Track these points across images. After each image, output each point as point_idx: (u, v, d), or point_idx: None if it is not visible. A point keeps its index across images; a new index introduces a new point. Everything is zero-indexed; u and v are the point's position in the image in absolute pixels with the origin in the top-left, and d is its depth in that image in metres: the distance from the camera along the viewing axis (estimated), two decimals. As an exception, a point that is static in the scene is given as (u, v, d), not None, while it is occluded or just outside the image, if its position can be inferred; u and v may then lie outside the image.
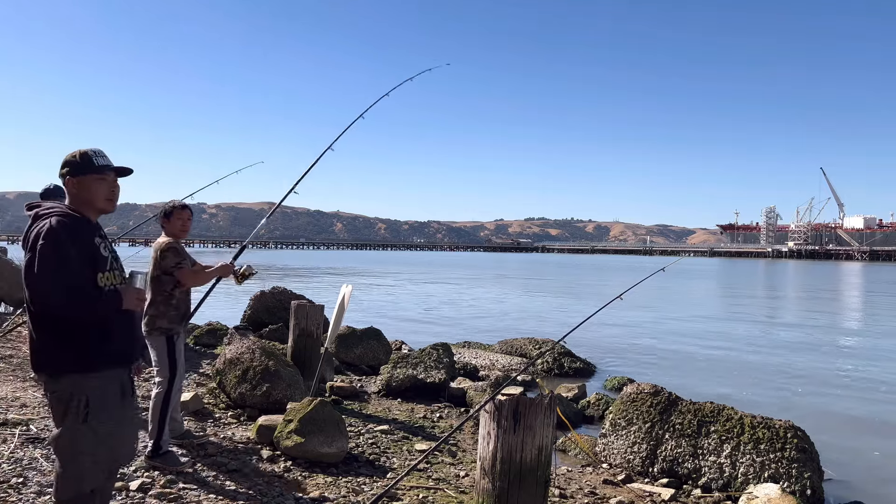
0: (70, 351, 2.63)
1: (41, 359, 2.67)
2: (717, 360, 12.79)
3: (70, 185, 2.80)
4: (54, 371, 2.65)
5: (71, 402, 2.62)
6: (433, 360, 8.18)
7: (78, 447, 2.64)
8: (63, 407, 2.63)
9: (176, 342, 4.71)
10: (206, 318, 11.96)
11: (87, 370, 2.65)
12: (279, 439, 4.98)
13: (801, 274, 63.40)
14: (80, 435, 2.63)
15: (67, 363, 2.64)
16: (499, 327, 16.78)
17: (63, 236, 2.62)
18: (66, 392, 2.63)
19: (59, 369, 2.64)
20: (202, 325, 11.19)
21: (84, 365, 2.65)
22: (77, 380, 2.64)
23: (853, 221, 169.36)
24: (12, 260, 12.77)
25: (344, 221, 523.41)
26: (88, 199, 2.81)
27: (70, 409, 2.62)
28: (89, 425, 2.64)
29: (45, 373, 2.68)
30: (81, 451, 2.64)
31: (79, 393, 2.63)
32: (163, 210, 4.90)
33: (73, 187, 2.80)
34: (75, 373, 2.64)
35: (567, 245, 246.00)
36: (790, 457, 5.15)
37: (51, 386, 2.67)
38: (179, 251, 4.68)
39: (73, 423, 2.63)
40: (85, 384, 2.64)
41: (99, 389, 2.68)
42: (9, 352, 7.96)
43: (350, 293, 6.65)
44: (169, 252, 4.61)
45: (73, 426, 2.63)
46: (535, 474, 3.73)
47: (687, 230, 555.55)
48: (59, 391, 2.64)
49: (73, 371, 2.64)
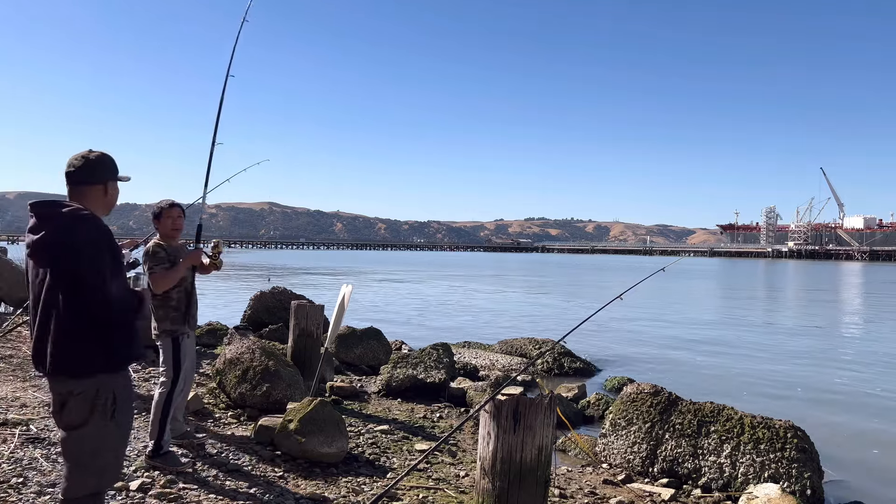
0: (101, 351, 2.66)
1: (67, 360, 2.62)
2: (717, 360, 12.79)
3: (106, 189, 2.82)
4: (82, 371, 2.64)
5: (97, 399, 2.64)
6: (433, 360, 8.18)
7: (105, 443, 2.68)
8: (89, 405, 2.63)
9: (182, 343, 4.70)
10: (206, 319, 11.96)
11: (115, 369, 2.72)
12: (279, 439, 4.98)
13: (800, 274, 63.40)
14: (108, 431, 2.68)
15: (98, 363, 2.65)
16: (499, 327, 16.78)
17: (113, 238, 2.73)
18: (91, 391, 2.64)
19: (87, 369, 2.64)
20: (202, 325, 11.19)
21: (113, 364, 2.70)
22: (104, 379, 2.67)
23: (853, 221, 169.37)
24: (12, 260, 12.78)
25: (344, 221, 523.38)
26: (111, 203, 2.87)
27: (97, 406, 2.64)
28: (116, 421, 2.69)
29: (69, 374, 2.63)
30: (107, 447, 2.69)
31: (106, 391, 2.66)
32: (153, 211, 4.84)
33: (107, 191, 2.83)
34: (103, 372, 2.67)
35: (567, 245, 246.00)
36: (790, 457, 5.15)
37: (71, 386, 2.63)
38: (156, 255, 4.57)
39: (100, 419, 2.65)
40: (111, 382, 2.69)
41: (122, 387, 2.75)
42: (9, 352, 7.96)
43: (350, 293, 6.65)
44: (147, 256, 4.58)
45: (101, 423, 2.65)
46: (535, 474, 3.73)
47: (687, 230, 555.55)
48: (85, 391, 2.63)
49: (101, 371, 2.66)
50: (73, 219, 2.60)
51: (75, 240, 2.58)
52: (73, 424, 2.65)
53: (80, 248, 2.58)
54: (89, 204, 2.74)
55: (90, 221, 2.63)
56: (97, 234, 2.63)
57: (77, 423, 2.64)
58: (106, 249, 2.64)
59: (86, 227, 2.61)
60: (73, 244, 2.57)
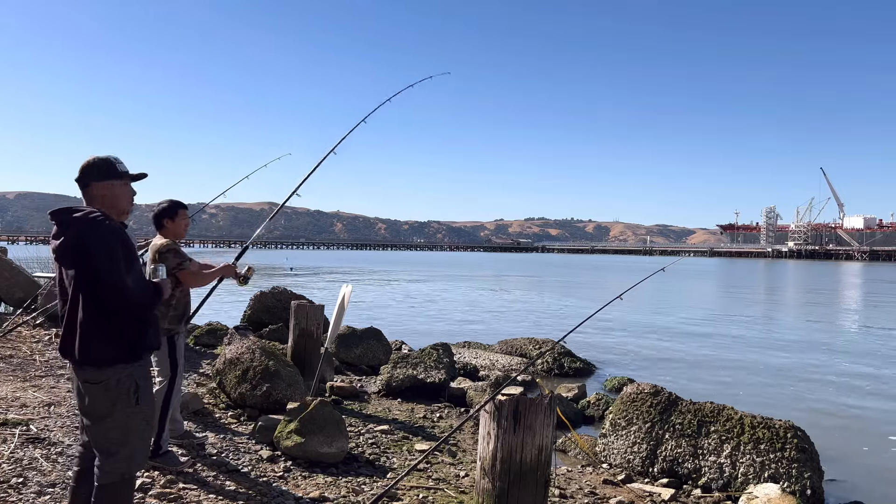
0: (122, 342, 2.83)
1: (91, 352, 2.79)
2: (717, 360, 12.79)
3: (97, 189, 2.93)
4: (105, 362, 2.81)
5: (120, 387, 2.83)
6: (433, 360, 8.18)
7: (132, 428, 2.86)
8: (112, 394, 2.82)
9: (177, 342, 4.71)
10: (206, 318, 11.96)
11: (135, 359, 2.89)
12: (279, 439, 4.98)
13: (800, 274, 63.41)
14: (134, 417, 2.87)
15: (120, 354, 2.83)
16: (499, 327, 16.79)
17: (125, 235, 2.86)
18: (113, 380, 2.82)
19: (109, 360, 2.81)
20: (202, 325, 11.18)
21: (133, 354, 2.87)
22: (124, 368, 2.85)
23: (853, 221, 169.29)
24: (12, 260, 12.78)
25: (344, 221, 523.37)
26: (115, 203, 2.97)
27: (121, 394, 2.83)
28: (140, 407, 2.88)
29: (94, 365, 2.80)
30: (133, 433, 2.87)
31: (127, 379, 2.85)
32: (163, 210, 4.70)
33: (100, 191, 2.93)
34: (123, 362, 2.84)
35: (567, 245, 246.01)
36: (790, 457, 5.15)
37: (93, 376, 2.81)
38: (180, 252, 4.63)
39: (125, 406, 2.84)
40: (132, 371, 2.87)
41: (142, 376, 2.93)
42: (9, 352, 7.95)
43: (350, 293, 6.65)
44: (169, 253, 4.56)
45: (126, 409, 2.84)
46: (535, 474, 3.73)
47: (687, 230, 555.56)
48: (107, 380, 2.81)
49: (123, 361, 2.84)
50: (83, 223, 2.78)
51: (88, 242, 2.74)
52: (96, 413, 2.83)
53: (93, 248, 2.73)
54: (100, 205, 2.90)
55: (100, 223, 2.79)
56: (108, 233, 2.77)
57: (100, 412, 2.82)
58: (118, 247, 2.77)
59: (96, 229, 2.77)
60: (86, 246, 2.74)
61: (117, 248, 2.76)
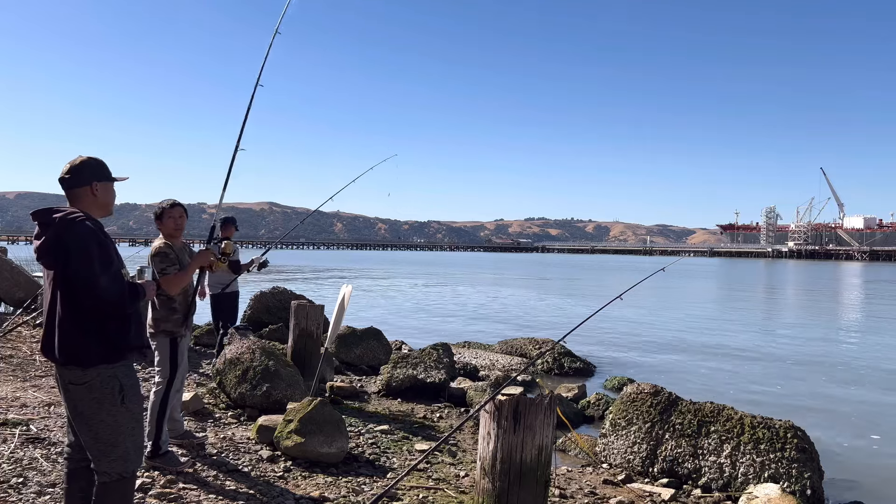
0: (102, 342, 2.83)
1: (73, 352, 2.81)
2: (717, 360, 12.78)
3: (98, 188, 2.97)
4: (88, 362, 2.81)
5: (105, 388, 2.84)
6: (433, 360, 8.18)
7: (120, 428, 2.87)
8: (97, 395, 2.83)
9: (180, 344, 4.70)
10: (206, 319, 11.94)
11: (117, 359, 2.88)
12: (279, 439, 4.98)
13: (800, 274, 63.41)
14: (121, 416, 2.87)
15: (101, 354, 2.83)
16: (499, 327, 16.79)
17: (102, 236, 2.86)
18: (97, 381, 2.83)
19: (92, 361, 2.82)
20: (202, 325, 11.18)
21: (115, 355, 2.87)
22: (107, 368, 2.85)
23: (853, 221, 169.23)
24: (12, 260, 12.78)
25: (344, 221, 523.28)
26: (105, 203, 3.02)
27: (105, 395, 2.84)
28: (126, 407, 2.89)
29: (78, 365, 2.81)
30: (123, 432, 2.88)
31: (111, 380, 2.85)
32: (154, 212, 4.84)
33: (95, 192, 2.96)
34: (106, 363, 2.85)
35: (567, 245, 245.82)
36: (790, 457, 5.15)
37: (79, 377, 2.82)
38: (167, 256, 4.55)
39: (111, 406, 2.85)
40: (115, 371, 2.87)
41: (126, 375, 2.93)
42: (9, 352, 7.95)
43: (350, 293, 6.65)
44: (157, 258, 4.54)
45: (113, 409, 2.85)
46: (535, 474, 3.73)
47: (687, 230, 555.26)
48: (90, 381, 2.82)
49: (104, 361, 2.84)
50: (63, 223, 2.80)
51: (65, 241, 2.78)
52: (83, 414, 2.85)
53: (70, 248, 2.76)
54: (82, 206, 2.92)
55: (79, 223, 2.80)
56: (85, 232, 2.79)
57: (86, 413, 2.83)
58: (94, 247, 2.78)
59: (74, 229, 2.79)
60: (64, 246, 2.78)
61: (93, 248, 2.77)
